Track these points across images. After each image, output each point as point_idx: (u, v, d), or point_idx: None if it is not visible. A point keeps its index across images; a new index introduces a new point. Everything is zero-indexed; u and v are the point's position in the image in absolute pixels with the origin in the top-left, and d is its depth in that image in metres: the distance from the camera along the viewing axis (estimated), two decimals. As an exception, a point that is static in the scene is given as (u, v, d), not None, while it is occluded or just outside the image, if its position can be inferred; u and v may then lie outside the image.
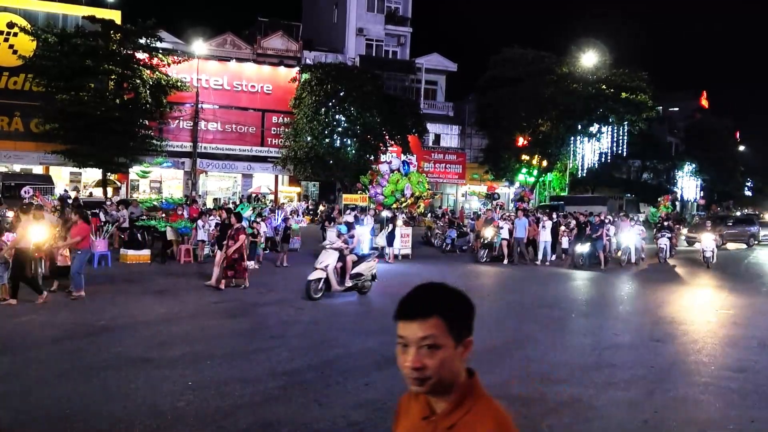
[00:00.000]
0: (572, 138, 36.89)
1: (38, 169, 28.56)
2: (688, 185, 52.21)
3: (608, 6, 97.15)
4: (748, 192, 68.08)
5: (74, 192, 26.97)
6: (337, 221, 15.55)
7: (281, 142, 32.59)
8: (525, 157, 38.34)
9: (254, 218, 15.29)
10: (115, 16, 28.31)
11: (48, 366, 5.99)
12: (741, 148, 62.49)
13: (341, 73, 30.74)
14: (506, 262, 16.66)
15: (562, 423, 4.95)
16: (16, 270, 8.74)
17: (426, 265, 16.24)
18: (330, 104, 29.96)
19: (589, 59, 35.49)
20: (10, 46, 28.02)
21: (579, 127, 36.26)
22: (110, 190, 28.58)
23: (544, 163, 38.29)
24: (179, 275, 12.54)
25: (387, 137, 32.82)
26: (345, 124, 30.29)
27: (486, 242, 16.81)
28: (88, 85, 25.45)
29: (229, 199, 30.94)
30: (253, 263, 14.06)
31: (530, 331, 8.51)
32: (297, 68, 33.11)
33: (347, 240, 10.89)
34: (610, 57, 36.60)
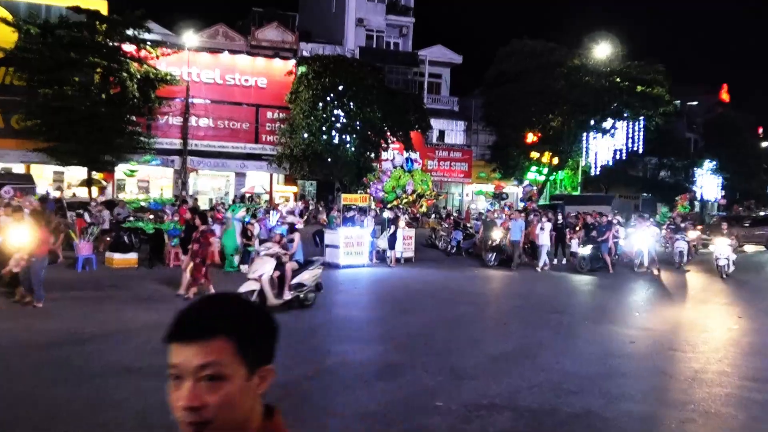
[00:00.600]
0: (585, 134, 36.89)
1: (19, 168, 28.62)
2: (709, 184, 52.13)
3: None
4: (772, 191, 67.98)
5: (57, 192, 27.04)
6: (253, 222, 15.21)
7: (276, 139, 32.60)
8: (535, 155, 38.30)
9: (248, 219, 15.30)
10: (101, 6, 28.36)
11: (35, 375, 6.04)
12: (764, 145, 62.42)
13: (340, 66, 30.77)
14: (515, 264, 16.71)
15: (574, 436, 4.98)
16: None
17: (430, 269, 16.27)
18: (328, 99, 29.98)
19: (602, 51, 35.48)
20: (-10, 38, 28.10)
21: (592, 123, 36.23)
22: (95, 190, 28.61)
23: (555, 161, 38.26)
24: (168, 280, 12.57)
25: (388, 133, 32.82)
26: (344, 120, 30.30)
27: (494, 245, 16.83)
28: (73, 79, 25.51)
29: (221, 199, 31.00)
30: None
31: (539, 338, 8.55)
32: (293, 61, 33.13)
33: (286, 245, 10.11)
34: (625, 48, 36.60)
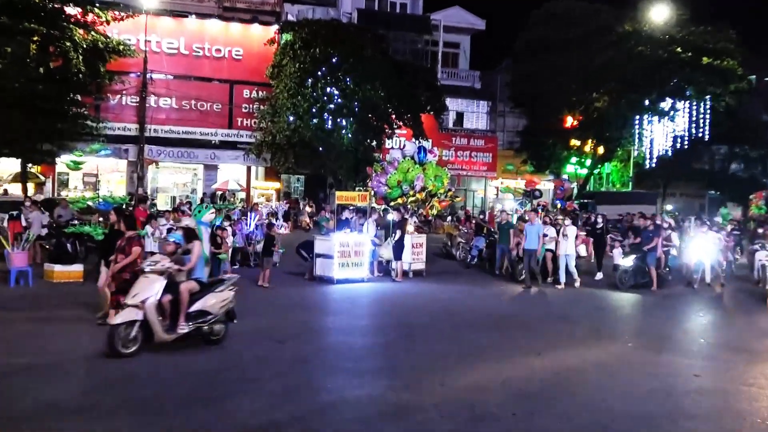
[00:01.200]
0: (637, 117, 36.87)
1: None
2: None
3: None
4: None
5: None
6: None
7: (255, 124, 32.70)
8: (575, 143, 38.32)
9: (220, 223, 15.33)
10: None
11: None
12: None
13: (334, 33, 30.85)
14: (550, 280, 16.65)
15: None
16: None
17: (444, 285, 16.25)
18: (319, 74, 30.06)
19: (660, 14, 35.47)
20: None
21: (646, 104, 36.21)
22: (31, 187, 28.71)
23: (601, 150, 38.27)
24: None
25: (394, 117, 32.85)
26: (339, 100, 30.38)
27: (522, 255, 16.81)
28: (4, 49, 25.58)
29: (187, 198, 31.10)
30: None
31: (580, 370, 8.54)
32: (276, 27, 33.26)
33: (182, 258, 8.93)
34: (687, 11, 36.60)
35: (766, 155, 47.96)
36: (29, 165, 28.26)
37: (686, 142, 37.19)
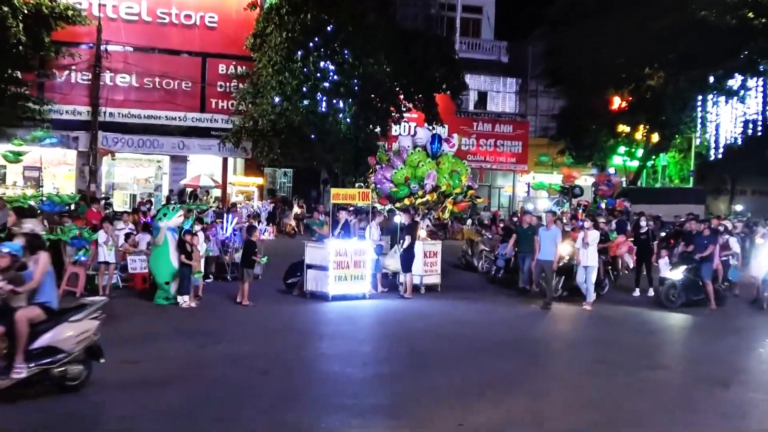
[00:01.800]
0: (699, 98, 36.77)
1: None
2: None
3: None
4: None
5: None
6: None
7: (233, 106, 32.74)
8: (624, 129, 38.24)
9: (189, 227, 15.37)
10: None
11: None
12: None
13: (328, -5, 30.89)
14: (593, 296, 16.59)
15: None
16: None
17: (463, 302, 16.22)
18: (311, 45, 30.08)
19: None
20: None
21: (711, 81, 36.14)
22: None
23: (655, 138, 38.19)
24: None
25: (402, 98, 32.82)
26: (335, 77, 30.39)
27: (561, 264, 16.80)
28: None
29: (150, 197, 31.17)
30: (187, 300, 14.20)
31: (635, 408, 8.50)
32: (258, -13, 33.30)
33: (20, 276, 8.06)
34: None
35: None
36: (-42, 156, 28.33)
37: (759, 128, 37.10)
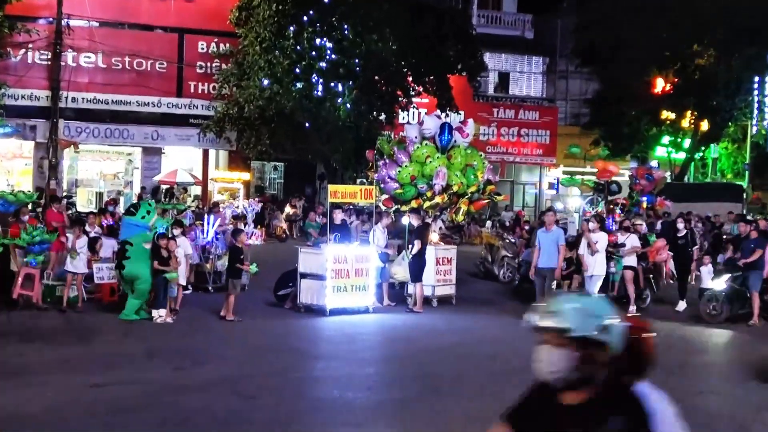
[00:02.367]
0: (756, 80, 36.67)
1: None
2: None
3: None
4: None
5: None
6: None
7: (215, 90, 32.74)
8: (668, 116, 38.15)
9: (164, 230, 15.38)
10: None
11: None
12: None
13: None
14: (632, 309, 16.52)
15: None
16: None
17: (482, 317, 16.22)
18: (305, 19, 30.12)
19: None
20: None
21: (768, 60, 36.12)
22: None
23: (704, 126, 38.11)
24: (29, 335, 12.59)
25: (410, 80, 32.79)
26: (333, 56, 30.41)
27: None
28: None
29: (120, 194, 31.22)
30: (163, 314, 14.18)
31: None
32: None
33: None
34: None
35: None
36: None
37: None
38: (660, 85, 38.11)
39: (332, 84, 30.52)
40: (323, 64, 30.28)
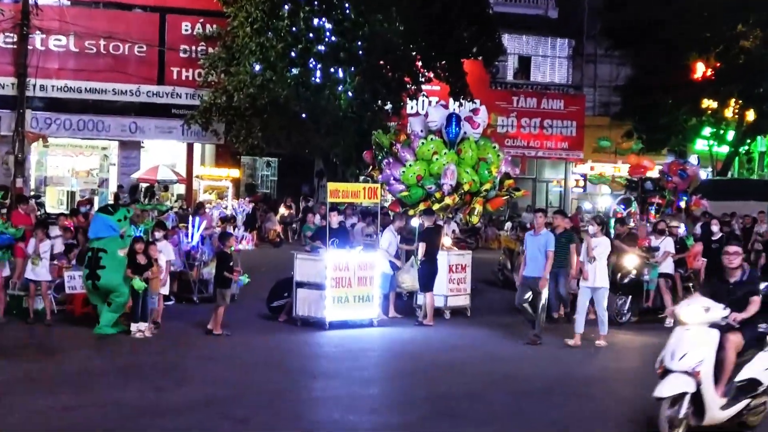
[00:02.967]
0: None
1: None
2: None
3: None
4: None
5: None
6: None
7: (200, 76, 32.82)
8: (709, 104, 38.10)
9: (141, 233, 15.48)
10: None
11: None
12: None
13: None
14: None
15: None
16: None
17: (499, 331, 16.21)
18: (301, -2, 30.20)
19: None
20: None
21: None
22: None
23: (750, 116, 38.09)
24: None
25: (420, 65, 32.82)
26: (332, 38, 30.45)
27: (627, 281, 16.83)
28: None
29: (94, 194, 31.33)
30: (143, 329, 14.24)
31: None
32: None
33: None
34: None
35: None
36: None
37: None
38: (700, 70, 38.04)
39: (332, 70, 30.51)
40: (322, 48, 30.26)
